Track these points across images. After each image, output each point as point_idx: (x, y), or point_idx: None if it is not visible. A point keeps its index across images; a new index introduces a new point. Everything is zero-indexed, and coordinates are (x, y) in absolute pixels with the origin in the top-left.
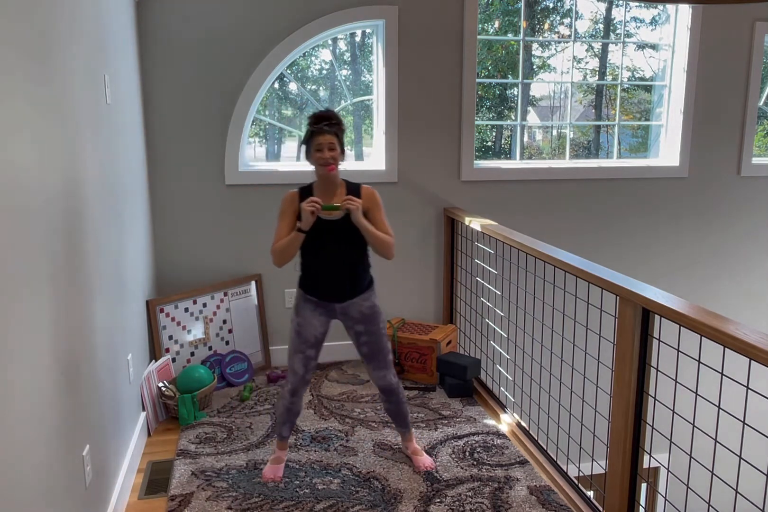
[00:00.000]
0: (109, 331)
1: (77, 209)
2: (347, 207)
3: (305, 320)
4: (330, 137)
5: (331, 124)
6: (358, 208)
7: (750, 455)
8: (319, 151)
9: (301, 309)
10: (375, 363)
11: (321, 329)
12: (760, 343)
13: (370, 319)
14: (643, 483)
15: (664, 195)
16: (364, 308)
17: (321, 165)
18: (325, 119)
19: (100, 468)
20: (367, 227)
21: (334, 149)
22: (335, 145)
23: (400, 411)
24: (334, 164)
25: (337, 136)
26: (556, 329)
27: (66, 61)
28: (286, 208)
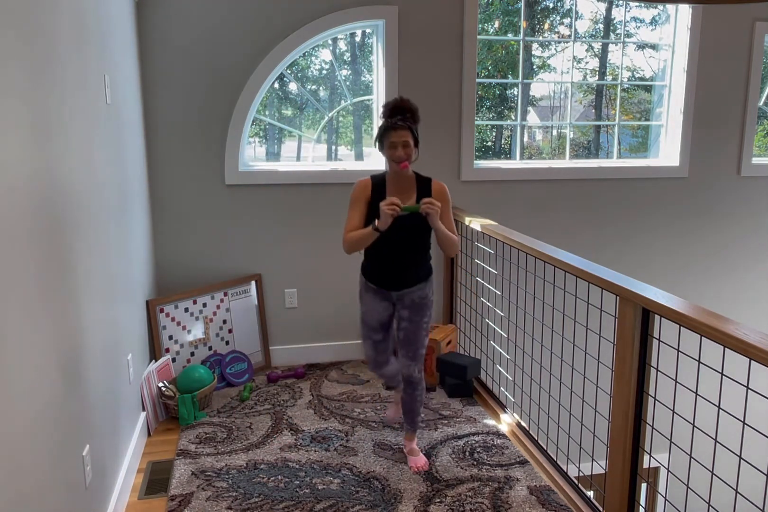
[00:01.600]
0: (109, 331)
1: (77, 209)
2: (427, 211)
3: (368, 307)
4: (404, 133)
5: (405, 118)
6: (437, 212)
7: (750, 455)
8: (393, 148)
9: (364, 298)
10: (405, 351)
11: (384, 313)
12: (760, 343)
13: (417, 309)
14: (643, 483)
15: (664, 195)
16: (415, 296)
17: (395, 162)
18: (399, 112)
19: (100, 468)
20: (442, 230)
21: (408, 145)
22: (409, 141)
23: (413, 407)
24: (407, 161)
25: (411, 130)
26: (556, 329)
27: (66, 61)
28: (358, 196)
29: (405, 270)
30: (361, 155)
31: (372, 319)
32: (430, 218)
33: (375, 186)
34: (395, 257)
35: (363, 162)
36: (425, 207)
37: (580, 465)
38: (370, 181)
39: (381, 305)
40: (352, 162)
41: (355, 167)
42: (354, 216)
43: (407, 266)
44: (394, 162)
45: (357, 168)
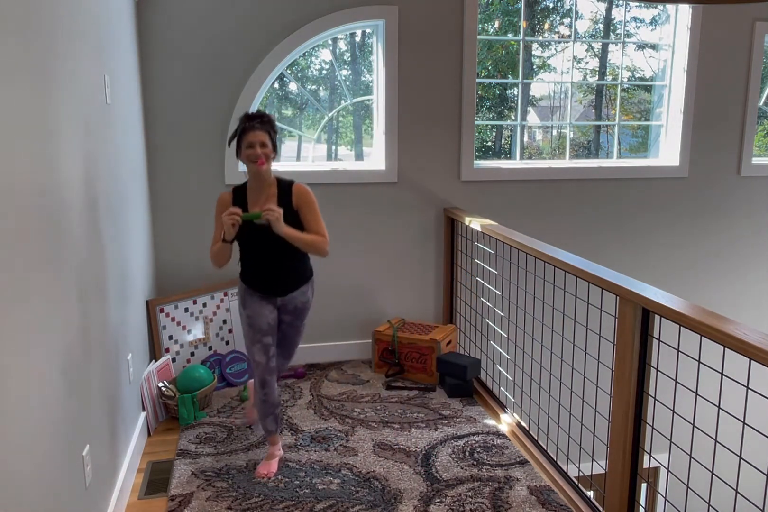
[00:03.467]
0: (109, 331)
1: (77, 209)
2: (266, 218)
3: (254, 311)
4: (261, 134)
5: (262, 122)
6: (278, 219)
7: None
8: (250, 148)
9: (248, 302)
10: (281, 351)
11: (271, 315)
12: (760, 343)
13: (298, 313)
14: (643, 483)
15: (664, 195)
16: (298, 302)
17: (251, 161)
18: (257, 117)
19: (100, 468)
20: (289, 234)
21: (265, 146)
22: (266, 142)
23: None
24: (263, 159)
25: (269, 134)
26: (556, 329)
27: (66, 61)
28: (219, 210)
29: (284, 276)
30: (361, 155)
31: (260, 322)
32: (273, 225)
33: (236, 196)
34: (271, 264)
35: (363, 162)
36: (264, 214)
37: (580, 465)
38: (230, 194)
39: (267, 308)
40: (352, 162)
41: (355, 167)
42: (216, 231)
43: (285, 272)
44: (251, 162)
45: (357, 168)
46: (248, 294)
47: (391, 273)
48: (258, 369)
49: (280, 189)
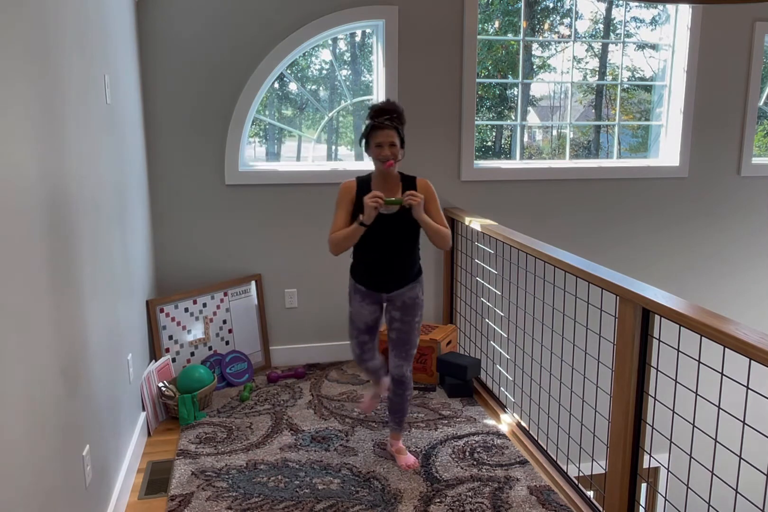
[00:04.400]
0: (109, 331)
1: (77, 209)
2: (410, 202)
3: (355, 309)
4: (391, 132)
5: (392, 119)
6: (420, 204)
7: (750, 455)
8: (379, 147)
9: (352, 300)
10: (396, 352)
11: (371, 316)
12: (760, 343)
13: (408, 309)
14: (643, 483)
15: (664, 195)
16: (406, 298)
17: (381, 161)
18: (387, 112)
19: (100, 468)
20: (428, 221)
21: (394, 145)
22: (395, 141)
23: (402, 407)
24: (393, 160)
25: (397, 130)
26: (556, 329)
27: (66, 61)
28: (344, 197)
29: (395, 271)
30: (361, 155)
31: (359, 321)
32: (414, 209)
33: (360, 187)
34: (385, 258)
35: (363, 162)
36: (408, 198)
37: (580, 465)
38: (355, 182)
39: (368, 308)
40: (352, 162)
41: (355, 167)
42: (340, 217)
43: (397, 267)
44: (380, 161)
45: (357, 168)
46: (354, 292)
47: None
48: (354, 355)
49: (404, 183)
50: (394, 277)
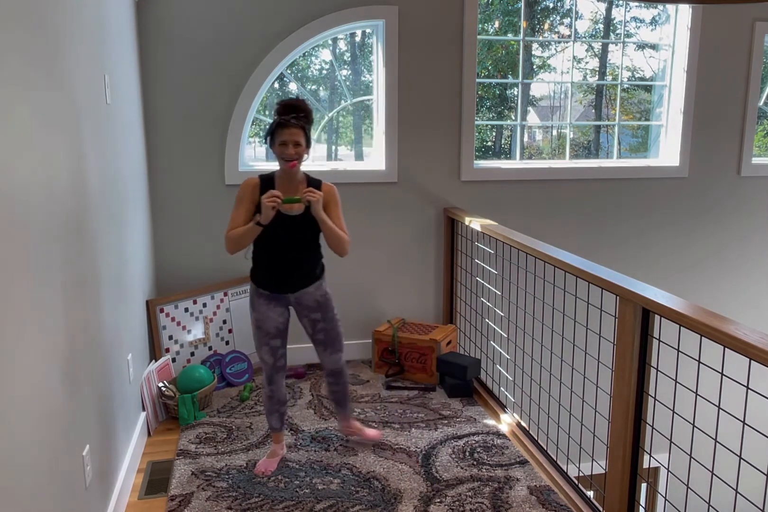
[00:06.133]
0: (109, 331)
1: (77, 209)
2: (308, 198)
3: (262, 314)
4: (296, 131)
5: (299, 117)
6: (318, 201)
7: (750, 455)
8: (283, 145)
9: (257, 305)
10: (332, 349)
11: (280, 318)
12: (760, 343)
13: (325, 307)
14: (643, 483)
15: (664, 195)
16: (318, 296)
17: (284, 160)
18: (294, 110)
19: (100, 468)
20: (326, 220)
21: (299, 145)
22: (301, 141)
23: (345, 393)
24: (296, 160)
25: (304, 129)
26: (556, 329)
27: (66, 61)
28: (245, 195)
29: (300, 270)
30: (361, 155)
31: (268, 326)
32: (312, 206)
33: (263, 185)
34: (287, 258)
35: (363, 162)
36: (306, 195)
37: (580, 465)
38: (258, 181)
39: (276, 311)
40: (352, 162)
41: (355, 167)
42: (238, 215)
43: (301, 266)
44: (283, 160)
45: (357, 168)
46: (257, 296)
47: (391, 273)
48: (266, 367)
49: (309, 185)
50: (298, 276)
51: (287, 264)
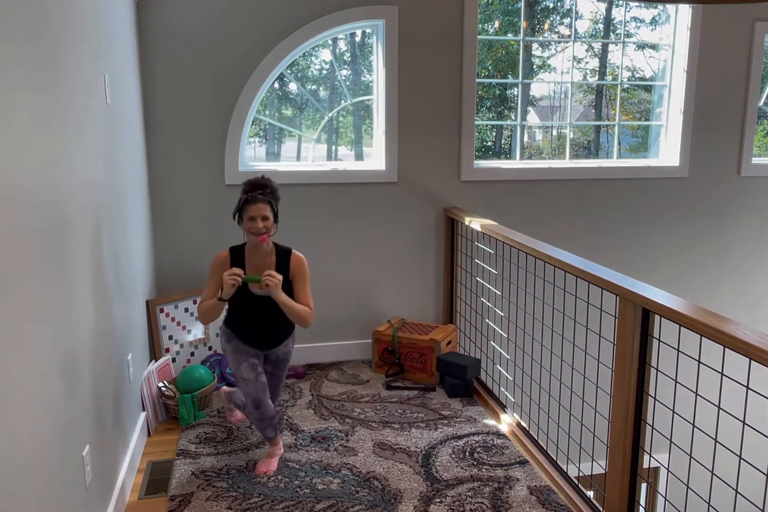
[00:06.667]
0: (109, 331)
1: (77, 209)
2: (266, 282)
3: (237, 345)
4: (263, 206)
5: (264, 193)
6: (277, 285)
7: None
8: (252, 221)
9: (231, 341)
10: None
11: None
12: (760, 343)
13: (280, 364)
14: (643, 483)
15: (664, 195)
16: (280, 353)
17: (253, 234)
18: (260, 187)
19: (100, 468)
20: (285, 302)
21: (267, 219)
22: (268, 214)
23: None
24: (266, 234)
25: (270, 204)
26: (556, 329)
27: (66, 62)
28: (216, 268)
29: (270, 334)
30: (360, 155)
31: (247, 350)
32: (270, 291)
33: (234, 258)
34: (258, 323)
35: (363, 162)
36: (264, 279)
37: (580, 465)
38: (228, 254)
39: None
40: (352, 162)
41: (355, 167)
42: (209, 288)
43: (272, 330)
44: (252, 234)
45: (357, 168)
46: (231, 337)
47: (391, 273)
48: (248, 386)
49: (278, 257)
50: (268, 340)
51: (259, 328)
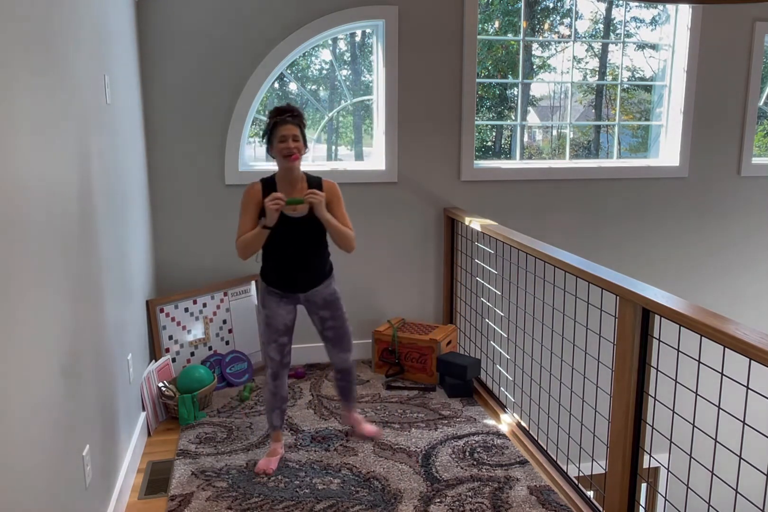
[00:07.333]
0: (109, 331)
1: (78, 209)
2: (310, 200)
3: (272, 311)
4: (293, 127)
5: (293, 116)
6: (321, 202)
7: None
8: (283, 142)
9: (267, 302)
10: (340, 347)
11: (289, 316)
12: (760, 343)
13: (333, 305)
14: (643, 483)
15: (664, 195)
16: (326, 295)
17: (285, 155)
18: (287, 111)
19: (100, 468)
20: (330, 220)
21: (297, 140)
22: (299, 136)
23: (351, 389)
24: (297, 154)
25: (299, 127)
26: (556, 329)
27: (66, 62)
28: (250, 200)
29: (308, 271)
30: (360, 155)
31: (278, 323)
32: (315, 208)
33: (265, 189)
34: (297, 259)
35: (363, 162)
36: (308, 196)
37: (580, 465)
38: (260, 185)
39: (285, 308)
40: (352, 162)
41: (355, 167)
42: (245, 221)
43: (309, 267)
44: (284, 157)
45: (357, 168)
46: (268, 294)
47: (391, 273)
48: (272, 363)
49: (310, 184)
50: (307, 277)
51: (296, 264)
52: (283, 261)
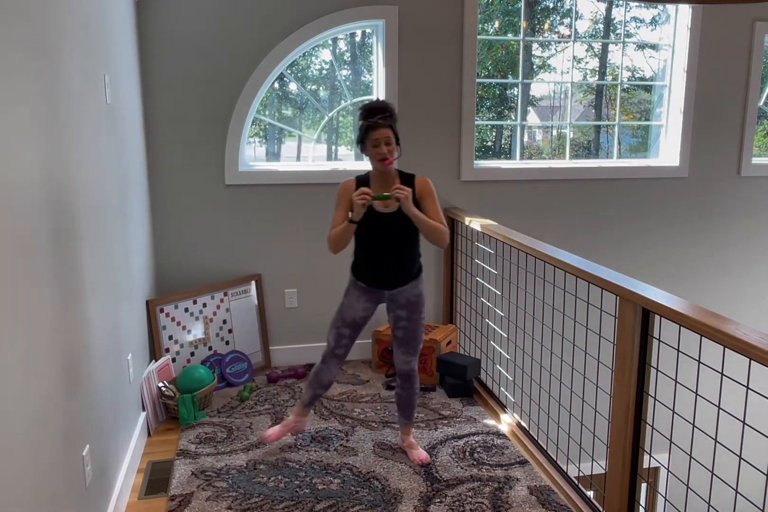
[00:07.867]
0: (109, 331)
1: (77, 209)
2: (396, 196)
3: (349, 302)
4: (386, 131)
5: (385, 117)
6: (407, 197)
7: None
8: (376, 146)
9: (349, 293)
10: (404, 349)
11: (362, 313)
12: (760, 343)
13: (414, 307)
14: (643, 483)
15: (664, 195)
16: (410, 295)
17: (379, 160)
18: (379, 111)
19: (100, 468)
20: (417, 215)
21: (390, 143)
22: (391, 138)
23: (411, 401)
24: (391, 159)
25: (392, 128)
26: (556, 329)
27: (66, 61)
28: (342, 196)
29: (396, 268)
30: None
31: (348, 314)
32: (402, 203)
33: (359, 185)
34: (385, 255)
35: (363, 162)
36: (395, 192)
37: (580, 465)
38: (354, 181)
39: (363, 305)
40: (352, 162)
41: (355, 167)
42: (338, 216)
43: (398, 264)
44: (377, 160)
45: (357, 168)
46: (353, 285)
47: None
48: (327, 347)
49: (402, 181)
50: (395, 274)
51: (384, 260)
52: (372, 256)
